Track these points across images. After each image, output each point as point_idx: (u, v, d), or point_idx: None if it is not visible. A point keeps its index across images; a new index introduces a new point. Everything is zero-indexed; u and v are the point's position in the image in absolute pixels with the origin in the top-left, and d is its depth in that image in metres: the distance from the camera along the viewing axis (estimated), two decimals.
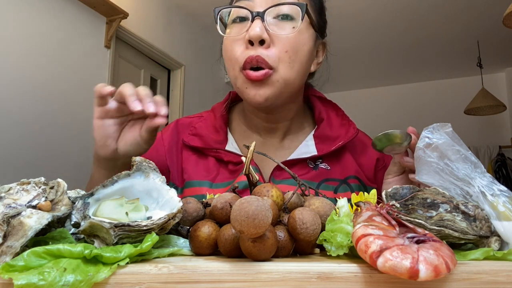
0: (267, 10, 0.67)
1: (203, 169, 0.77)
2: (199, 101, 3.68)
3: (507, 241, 0.39)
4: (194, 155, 0.79)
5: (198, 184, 0.75)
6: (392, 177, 0.63)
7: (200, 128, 0.80)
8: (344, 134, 0.77)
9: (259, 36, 0.65)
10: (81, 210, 0.39)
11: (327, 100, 0.85)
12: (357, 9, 3.43)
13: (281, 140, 0.80)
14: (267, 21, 0.67)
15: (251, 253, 0.35)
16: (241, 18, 0.70)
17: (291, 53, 0.67)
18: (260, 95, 0.67)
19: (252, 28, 0.65)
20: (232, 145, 0.79)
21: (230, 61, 0.70)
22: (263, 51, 0.66)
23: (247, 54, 0.66)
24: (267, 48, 0.66)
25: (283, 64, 0.67)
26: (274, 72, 0.67)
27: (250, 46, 0.67)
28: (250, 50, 0.66)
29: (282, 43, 0.67)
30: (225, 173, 0.76)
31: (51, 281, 0.30)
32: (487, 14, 3.47)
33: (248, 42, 0.66)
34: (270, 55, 0.66)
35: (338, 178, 0.76)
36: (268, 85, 0.67)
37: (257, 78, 0.66)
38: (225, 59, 0.72)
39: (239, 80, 0.69)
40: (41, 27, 2.23)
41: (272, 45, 0.67)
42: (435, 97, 5.10)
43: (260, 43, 0.66)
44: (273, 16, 0.68)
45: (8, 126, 2.03)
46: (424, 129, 0.53)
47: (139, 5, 2.98)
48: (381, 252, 0.31)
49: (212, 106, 0.86)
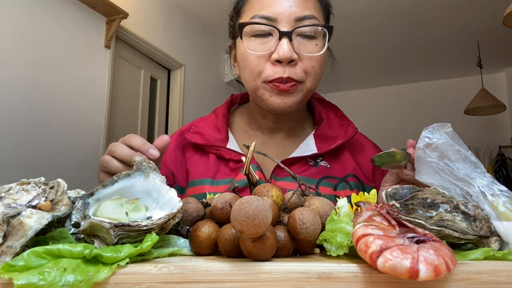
0: (295, 30, 0.68)
1: (204, 166, 0.79)
2: (199, 101, 3.68)
3: (507, 241, 0.39)
4: (195, 154, 0.81)
5: (199, 182, 0.77)
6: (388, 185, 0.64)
7: (202, 127, 0.82)
8: (343, 133, 0.80)
9: (289, 57, 0.67)
10: (81, 210, 0.39)
11: (326, 101, 0.88)
12: (357, 10, 3.43)
13: (283, 139, 0.82)
14: (293, 40, 0.69)
15: (251, 253, 0.35)
16: (264, 32, 0.70)
17: (317, 68, 0.71)
18: (286, 103, 0.71)
19: (281, 48, 0.67)
20: (233, 144, 0.81)
21: (253, 73, 0.71)
22: (291, 70, 0.69)
23: (276, 73, 0.69)
24: (294, 65, 0.69)
25: (310, 77, 0.71)
26: (300, 84, 0.71)
27: (277, 64, 0.69)
28: (279, 69, 0.69)
29: (308, 61, 0.70)
30: (226, 170, 0.77)
31: (51, 281, 0.30)
32: (487, 14, 3.47)
33: (276, 61, 0.68)
34: (298, 72, 0.69)
35: (338, 176, 0.78)
36: (294, 95, 0.71)
37: (286, 89, 0.69)
38: (246, 70, 0.73)
39: (261, 90, 0.72)
40: (41, 27, 2.23)
41: (299, 62, 0.69)
42: (435, 97, 5.10)
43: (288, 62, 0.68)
44: (298, 35, 0.70)
45: (8, 126, 2.03)
46: (424, 129, 0.53)
47: (139, 5, 2.98)
48: (381, 252, 0.31)
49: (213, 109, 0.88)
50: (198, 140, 0.80)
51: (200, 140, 0.80)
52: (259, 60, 0.70)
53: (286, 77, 0.68)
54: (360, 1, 3.32)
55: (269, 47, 0.69)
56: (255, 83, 0.72)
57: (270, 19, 0.69)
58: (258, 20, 0.70)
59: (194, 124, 0.84)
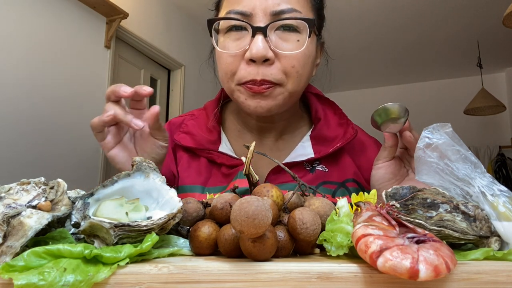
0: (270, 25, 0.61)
1: (194, 171, 0.74)
2: (199, 101, 3.68)
3: (507, 241, 0.39)
4: (185, 155, 0.76)
5: (189, 189, 0.72)
6: (382, 162, 0.62)
7: (192, 127, 0.77)
8: (342, 134, 0.74)
9: (263, 56, 0.60)
10: (81, 210, 0.39)
11: (324, 97, 0.81)
12: (357, 10, 3.43)
13: (276, 140, 0.76)
14: (270, 37, 0.62)
15: (251, 253, 0.35)
16: (237, 27, 0.64)
17: (298, 67, 0.63)
18: (262, 107, 0.64)
19: (255, 46, 0.60)
20: (226, 146, 0.76)
21: (226, 74, 0.66)
22: (266, 70, 0.62)
23: (249, 74, 0.62)
24: (270, 65, 0.62)
25: (291, 79, 0.64)
26: (279, 87, 0.63)
27: (251, 63, 0.62)
28: (252, 69, 0.62)
29: (287, 59, 0.62)
30: (218, 176, 0.73)
31: (51, 281, 0.30)
32: (487, 14, 3.47)
33: (250, 60, 0.62)
34: (275, 73, 0.62)
35: (336, 181, 0.73)
36: (271, 98, 0.64)
37: (260, 91, 0.62)
38: (220, 71, 0.68)
39: (236, 92, 0.66)
40: (41, 27, 2.23)
41: (276, 61, 0.62)
42: (435, 97, 5.10)
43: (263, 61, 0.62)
44: (276, 28, 0.63)
45: (8, 126, 2.03)
46: (424, 129, 0.53)
47: (139, 5, 2.98)
48: (381, 252, 0.31)
49: (204, 104, 0.82)
50: (189, 143, 0.74)
51: (190, 142, 0.74)
52: (232, 59, 0.64)
53: (260, 80, 0.61)
54: (360, 1, 3.32)
55: (244, 45, 0.62)
56: (229, 85, 0.66)
57: (245, 14, 0.62)
58: (231, 16, 0.64)
59: (185, 123, 0.78)
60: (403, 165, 0.64)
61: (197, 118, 0.79)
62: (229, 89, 0.67)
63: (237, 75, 0.64)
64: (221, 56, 0.66)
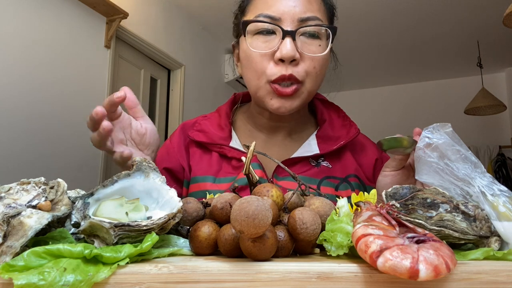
0: (297, 30, 0.69)
1: (206, 164, 0.79)
2: (199, 101, 3.68)
3: (507, 241, 0.39)
4: (198, 150, 0.81)
5: (202, 179, 0.78)
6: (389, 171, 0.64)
7: (205, 125, 0.83)
8: (345, 134, 0.80)
9: (291, 56, 0.67)
10: (81, 210, 0.39)
11: (328, 102, 0.88)
12: (357, 10, 3.43)
13: (284, 138, 0.82)
14: (297, 40, 0.69)
15: (251, 253, 0.35)
16: (267, 31, 0.71)
17: (318, 68, 0.71)
18: (286, 107, 0.71)
19: (284, 47, 0.67)
20: (236, 142, 0.81)
21: (256, 72, 0.72)
22: (293, 69, 0.69)
23: (279, 71, 0.69)
24: (296, 65, 0.69)
25: (310, 78, 0.71)
26: (301, 86, 0.71)
27: (280, 63, 0.69)
28: (281, 68, 0.69)
29: (311, 61, 0.70)
30: (228, 168, 0.78)
31: (51, 281, 0.30)
32: (487, 14, 3.47)
33: (279, 60, 0.68)
34: (299, 71, 0.69)
35: (339, 176, 0.78)
36: (294, 99, 0.71)
37: (288, 94, 0.69)
38: (249, 69, 0.73)
39: (263, 90, 0.72)
40: (41, 27, 2.23)
41: (301, 62, 0.69)
42: (435, 97, 5.10)
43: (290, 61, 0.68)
44: (301, 34, 0.70)
45: (8, 126, 2.03)
46: (424, 129, 0.53)
47: (139, 5, 2.98)
48: (381, 252, 0.31)
49: (217, 108, 0.88)
50: (202, 138, 0.80)
51: (203, 138, 0.80)
52: (262, 58, 0.70)
53: (288, 75, 0.68)
54: (360, 1, 3.32)
55: (273, 46, 0.69)
56: (258, 83, 0.72)
57: (274, 18, 0.69)
58: (262, 19, 0.70)
59: (198, 122, 0.84)
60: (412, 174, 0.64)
61: (210, 118, 0.85)
62: (257, 86, 0.73)
63: (266, 72, 0.70)
64: (250, 55, 0.72)
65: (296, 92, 0.70)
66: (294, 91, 0.70)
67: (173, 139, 0.84)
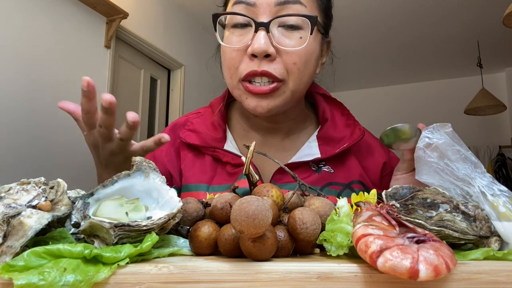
0: (272, 21, 0.61)
1: (199, 169, 0.73)
2: (199, 101, 3.67)
3: (507, 241, 0.39)
4: (190, 153, 0.75)
5: (194, 188, 0.72)
6: (401, 174, 0.61)
7: (198, 124, 0.76)
8: (349, 135, 0.73)
9: (264, 51, 0.60)
10: (81, 210, 0.39)
11: (331, 98, 0.80)
12: (357, 10, 3.43)
13: (282, 140, 0.76)
14: (272, 32, 0.62)
15: (251, 253, 0.35)
16: (242, 24, 0.64)
17: (300, 64, 0.63)
18: (263, 107, 0.64)
19: (257, 41, 0.60)
20: (231, 144, 0.75)
21: (229, 70, 0.66)
22: (269, 65, 0.61)
23: (250, 67, 0.62)
24: (272, 61, 0.62)
25: (292, 76, 0.63)
26: (282, 85, 0.63)
27: (253, 58, 0.62)
28: (253, 63, 0.62)
29: (289, 56, 0.62)
30: (223, 175, 0.72)
31: (51, 281, 0.30)
32: (487, 14, 3.47)
33: (252, 55, 0.62)
34: (277, 68, 0.62)
35: (342, 182, 0.72)
36: (272, 97, 0.63)
37: (263, 92, 0.62)
38: (224, 67, 0.68)
39: (237, 90, 0.66)
40: (41, 27, 2.23)
41: (278, 58, 0.62)
42: (435, 97, 5.10)
43: (264, 56, 0.62)
44: (279, 25, 0.63)
45: (8, 126, 2.03)
46: (424, 129, 0.53)
47: (139, 5, 2.98)
48: (381, 252, 0.31)
49: (210, 102, 0.81)
50: (194, 140, 0.73)
51: (195, 140, 0.74)
52: (236, 54, 0.64)
53: (261, 71, 0.61)
54: (360, 2, 3.32)
55: (247, 40, 0.62)
56: (232, 82, 0.66)
57: (249, 4, 0.62)
58: (237, 7, 0.63)
59: (190, 121, 0.77)
60: None
61: (203, 115, 0.78)
62: (231, 86, 0.67)
63: (239, 70, 0.64)
64: (225, 51, 0.66)
65: (275, 90, 0.63)
66: (272, 89, 0.62)
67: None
